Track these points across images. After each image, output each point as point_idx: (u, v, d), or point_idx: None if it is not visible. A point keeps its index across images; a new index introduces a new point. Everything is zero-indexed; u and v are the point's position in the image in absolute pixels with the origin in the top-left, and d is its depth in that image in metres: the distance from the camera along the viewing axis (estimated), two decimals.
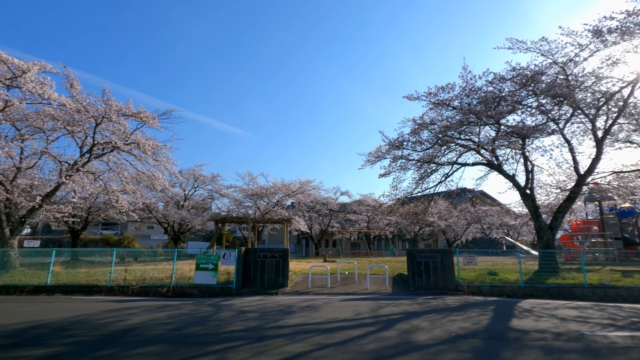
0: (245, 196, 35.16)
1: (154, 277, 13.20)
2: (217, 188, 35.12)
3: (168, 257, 21.74)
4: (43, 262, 14.98)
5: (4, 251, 14.23)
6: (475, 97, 13.25)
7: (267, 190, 32.44)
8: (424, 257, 13.08)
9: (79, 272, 13.63)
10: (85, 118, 13.82)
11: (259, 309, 8.79)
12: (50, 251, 13.22)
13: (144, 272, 14.29)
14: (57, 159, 14.66)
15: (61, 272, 13.51)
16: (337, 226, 44.44)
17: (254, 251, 13.40)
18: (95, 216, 29.71)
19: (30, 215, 15.03)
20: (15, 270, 14.29)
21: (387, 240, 56.12)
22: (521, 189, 14.51)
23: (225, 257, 12.80)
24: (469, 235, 50.54)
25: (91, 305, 9.38)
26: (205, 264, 12.56)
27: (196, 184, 34.95)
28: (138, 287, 12.08)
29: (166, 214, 30.40)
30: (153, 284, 12.35)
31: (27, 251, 16.96)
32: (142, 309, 8.72)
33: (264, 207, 34.37)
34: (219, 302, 10.26)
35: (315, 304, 9.52)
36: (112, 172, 16.10)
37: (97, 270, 14.78)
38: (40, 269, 14.33)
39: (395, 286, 13.56)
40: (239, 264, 12.75)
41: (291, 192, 32.96)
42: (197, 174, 33.96)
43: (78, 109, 13.30)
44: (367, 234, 45.48)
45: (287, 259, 13.31)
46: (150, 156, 15.85)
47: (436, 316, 7.83)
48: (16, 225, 14.76)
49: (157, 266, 17.71)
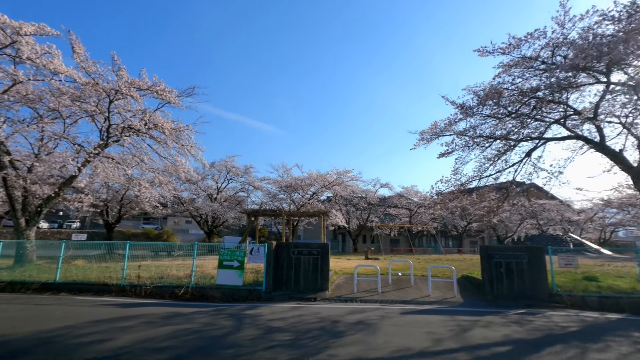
0: (280, 188, 33.28)
1: (172, 275, 11.33)
2: (250, 180, 33.51)
3: (200, 251, 20.15)
4: (74, 254, 13.70)
5: (20, 243, 13.06)
6: (574, 47, 9.92)
7: (302, 181, 30.26)
8: (504, 257, 10.10)
9: (93, 268, 12.11)
10: (96, 94, 12.21)
11: (292, 326, 6.43)
12: (59, 243, 11.77)
13: (164, 269, 12.51)
14: (72, 140, 13.21)
15: (72, 268, 12.02)
16: (376, 221, 41.54)
17: (286, 246, 11.11)
18: (129, 209, 29.14)
19: (47, 205, 13.79)
20: (31, 264, 13.08)
21: (430, 237, 52.29)
22: (633, 169, 10.98)
23: (253, 253, 10.61)
24: (522, 232, 45.58)
25: (87, 312, 7.52)
26: (229, 260, 10.45)
27: (229, 176, 33.57)
28: (152, 287, 10.21)
29: (198, 206, 29.15)
30: (170, 284, 10.44)
31: (46, 244, 15.92)
32: (142, 320, 6.67)
33: (299, 200, 32.31)
34: (242, 310, 8.04)
35: (369, 319, 7.00)
36: (134, 157, 14.51)
37: (115, 266, 13.22)
38: (64, 262, 12.99)
39: (464, 293, 10.70)
40: (269, 262, 10.52)
41: (327, 184, 30.55)
42: (229, 166, 32.52)
43: (89, 82, 11.67)
44: (409, 229, 42.11)
45: (328, 257, 10.89)
46: (170, 138, 14.05)
47: (564, 350, 5.02)
48: (32, 216, 13.55)
49: (184, 262, 16.06)
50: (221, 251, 10.62)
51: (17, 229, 13.26)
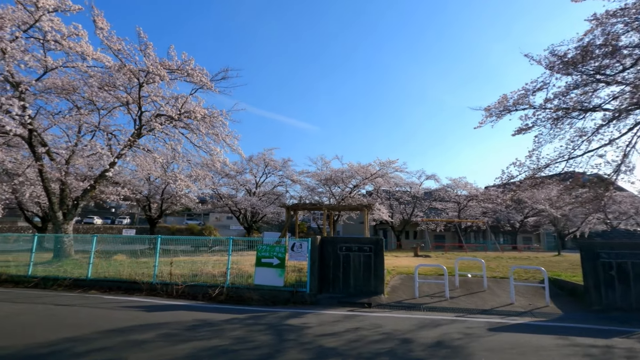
0: (319, 181, 31.90)
1: (207, 272, 10.21)
2: (288, 174, 32.42)
3: (239, 247, 19.24)
4: (107, 249, 13.17)
5: (58, 237, 12.66)
6: None
7: (342, 173, 28.62)
8: (616, 256, 7.80)
9: (126, 264, 11.36)
10: (125, 77, 11.39)
11: (350, 346, 4.84)
12: (92, 237, 11.10)
13: (199, 266, 11.50)
14: (106, 130, 12.56)
15: (109, 263, 11.31)
16: (421, 215, 38.93)
17: (333, 242, 9.54)
18: (170, 204, 29.20)
19: (83, 198, 13.34)
20: (69, 258, 12.64)
21: (479, 232, 48.60)
22: None
23: (295, 249, 9.16)
24: (587, 228, 40.72)
25: (106, 317, 6.45)
26: (268, 257, 9.09)
27: (267, 169, 32.72)
28: (184, 286, 9.12)
29: (237, 201, 28.54)
30: (203, 283, 9.30)
31: (84, 238, 15.63)
32: (163, 332, 5.42)
33: (339, 193, 30.73)
34: (284, 318, 6.60)
35: (450, 338, 5.25)
36: (165, 144, 13.67)
37: (152, 262, 12.43)
38: (102, 257, 12.40)
39: (555, 301, 8.52)
40: (313, 259, 9.02)
41: (370, 176, 28.63)
42: (267, 159, 31.64)
43: (116, 66, 10.85)
44: (458, 224, 39.06)
45: (382, 254, 9.18)
46: (203, 126, 13.02)
47: None
48: (70, 209, 13.14)
49: (222, 257, 15.14)
50: (259, 247, 9.29)
51: (54, 223, 12.92)
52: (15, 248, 12.89)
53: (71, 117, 13.35)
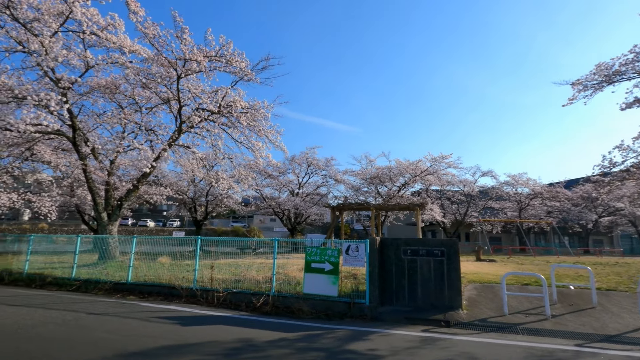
0: (364, 180, 30.30)
1: (251, 278, 9.13)
2: (332, 173, 31.16)
3: (284, 249, 18.29)
4: (152, 251, 12.71)
5: (103, 239, 12.37)
6: None
7: (390, 171, 26.77)
8: None
9: (166, 267, 10.68)
10: (164, 69, 10.78)
11: None
12: (132, 239, 10.53)
13: (242, 269, 10.54)
14: (147, 128, 12.07)
15: (150, 266, 10.67)
16: (475, 215, 35.83)
17: (395, 245, 8.02)
18: (215, 206, 29.20)
19: (127, 198, 13.00)
20: (113, 260, 12.29)
21: (541, 234, 44.01)
22: None
23: (351, 252, 7.77)
24: None
25: (133, 331, 5.50)
26: (319, 262, 7.79)
27: (310, 169, 31.72)
28: (226, 294, 8.09)
29: (280, 202, 27.79)
30: (246, 290, 8.23)
31: (127, 239, 15.42)
32: (195, 358, 4.27)
33: (386, 193, 28.88)
34: (344, 341, 5.23)
35: None
36: (203, 138, 12.98)
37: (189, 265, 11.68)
38: (147, 258, 11.90)
39: None
40: (372, 265, 7.57)
41: (420, 173, 26.49)
42: (310, 159, 30.65)
43: (152, 58, 10.23)
44: (520, 224, 35.40)
45: (457, 259, 7.50)
46: (244, 119, 12.10)
47: None
48: (114, 210, 12.84)
49: (266, 260, 14.22)
50: (308, 249, 8.02)
51: (99, 224, 12.68)
52: (66, 249, 12.82)
53: (115, 117, 13.11)
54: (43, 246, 12.38)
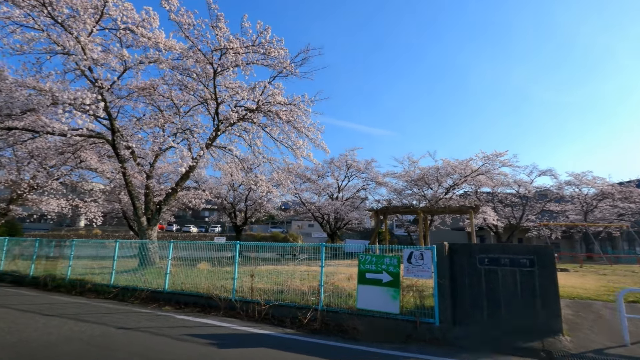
0: (408, 182, 28.59)
1: (295, 288, 8.10)
2: (372, 176, 29.72)
3: (325, 255, 17.20)
4: (192, 256, 12.17)
5: (143, 244, 12.02)
6: None
7: (437, 171, 24.88)
8: None
9: (203, 274, 9.97)
10: (199, 65, 10.22)
11: None
12: (168, 244, 9.94)
13: (285, 278, 9.58)
14: (185, 130, 11.58)
15: (187, 273, 10.00)
16: (532, 219, 32.60)
17: (468, 252, 6.61)
18: (254, 211, 28.86)
19: (166, 202, 12.63)
20: (153, 266, 11.87)
21: (608, 240, 39.28)
22: None
23: (414, 260, 6.47)
24: None
25: (163, 353, 4.62)
26: (376, 272, 6.58)
27: (349, 172, 30.51)
28: (268, 307, 7.11)
29: (320, 206, 26.84)
30: (291, 303, 7.20)
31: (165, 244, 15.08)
32: None
33: (432, 195, 26.93)
34: None
35: None
36: (244, 141, 12.30)
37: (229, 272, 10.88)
38: (186, 264, 11.35)
39: None
40: (442, 276, 6.24)
41: (470, 173, 24.36)
42: (349, 161, 29.45)
43: (188, 53, 9.68)
44: (586, 229, 31.72)
45: (553, 271, 5.96)
46: (283, 114, 11.24)
47: None
48: (153, 214, 12.48)
49: (309, 267, 13.28)
50: (362, 257, 6.85)
51: (139, 229, 12.36)
52: (107, 254, 12.62)
53: (154, 120, 12.83)
54: (87, 251, 12.26)
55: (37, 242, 12.27)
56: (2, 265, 12.83)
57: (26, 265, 12.14)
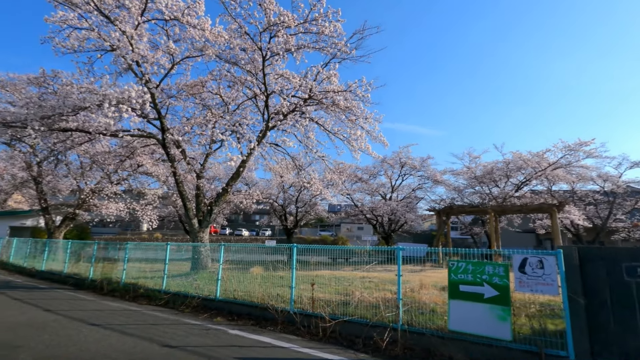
0: (469, 180, 26.00)
1: (362, 299, 6.78)
2: (430, 173, 27.46)
3: (379, 258, 15.62)
4: (245, 259, 11.37)
5: (195, 247, 11.47)
6: None
7: (506, 165, 22.15)
8: None
9: (259, 278, 9.02)
10: (249, 49, 9.41)
11: None
12: (219, 246, 9.14)
13: (345, 284, 8.33)
14: (234, 127, 10.85)
15: (233, 280, 9.08)
16: (622, 219, 28.08)
17: (609, 259, 4.82)
18: (304, 213, 28.07)
19: (217, 203, 12.00)
20: (205, 271, 11.24)
21: None
22: None
23: (529, 268, 4.84)
24: None
25: None
26: (474, 283, 5.06)
27: (403, 170, 28.54)
28: (334, 323, 5.87)
29: (374, 207, 25.26)
30: (362, 320, 5.90)
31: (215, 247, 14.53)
32: None
33: (499, 193, 24.08)
34: None
35: None
36: (297, 136, 11.30)
37: (283, 277, 9.82)
38: (238, 268, 10.55)
39: None
40: (574, 291, 4.56)
41: (547, 166, 21.32)
42: (403, 159, 27.53)
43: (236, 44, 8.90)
44: None
45: None
46: (341, 101, 10.05)
47: None
48: (205, 216, 11.92)
49: (368, 273, 11.94)
50: (452, 264, 5.35)
51: (191, 231, 11.87)
52: (160, 257, 12.31)
53: (203, 118, 12.34)
54: (141, 254, 12.02)
55: (95, 245, 12.28)
56: (66, 268, 13.06)
57: (86, 268, 12.19)
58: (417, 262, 8.25)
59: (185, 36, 10.02)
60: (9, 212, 25.02)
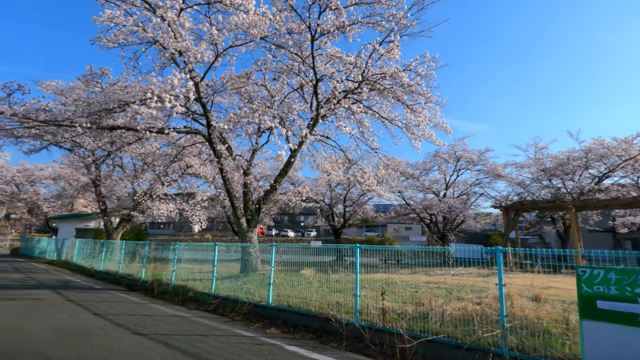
0: (538, 173, 23.19)
1: (452, 315, 5.47)
2: (490, 167, 25.00)
3: (431, 260, 13.84)
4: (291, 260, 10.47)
5: (244, 247, 10.83)
6: None
7: (585, 155, 19.31)
8: None
9: (314, 283, 8.06)
10: (295, 30, 8.53)
11: None
12: (271, 247, 8.29)
13: (414, 293, 7.08)
14: (277, 112, 10.04)
15: (286, 283, 8.19)
16: None
17: None
18: (352, 212, 26.89)
19: (265, 201, 11.28)
20: (255, 273, 10.54)
21: None
22: None
23: None
24: None
25: None
26: (621, 299, 3.62)
27: (459, 165, 26.32)
28: (416, 343, 4.68)
29: (428, 204, 23.42)
30: (450, 339, 4.65)
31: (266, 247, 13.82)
32: None
33: (573, 186, 21.09)
34: None
35: None
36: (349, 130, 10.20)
37: (345, 281, 8.71)
38: (287, 270, 9.70)
39: None
40: None
41: (637, 154, 18.18)
42: (459, 152, 25.37)
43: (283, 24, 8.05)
44: None
45: None
46: (405, 80, 8.82)
47: None
48: (253, 214, 11.26)
49: (430, 277, 10.59)
50: (584, 271, 3.93)
51: (239, 231, 11.27)
52: (209, 258, 11.86)
53: (249, 109, 11.72)
54: (190, 255, 11.64)
55: (147, 246, 12.13)
56: (121, 269, 13.12)
57: (138, 268, 12.09)
58: (478, 265, 6.93)
59: (228, 25, 9.40)
60: (74, 215, 26.68)
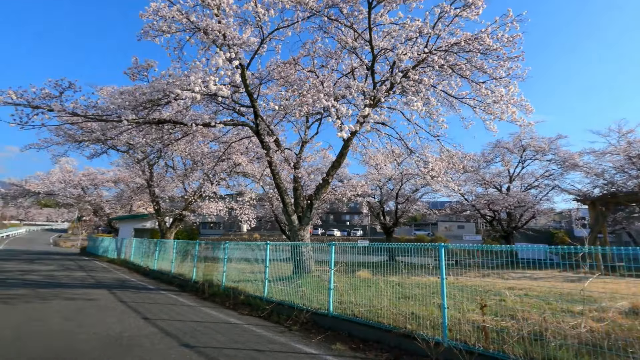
0: (624, 161, 19.94)
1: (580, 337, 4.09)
2: (563, 156, 22.06)
3: (500, 261, 11.85)
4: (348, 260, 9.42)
5: (296, 247, 9.97)
6: None
7: None
8: None
9: (381, 288, 6.93)
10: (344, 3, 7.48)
11: None
12: (330, 246, 7.28)
13: (499, 301, 5.67)
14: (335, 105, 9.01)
15: (346, 287, 7.16)
16: None
17: None
18: (405, 209, 25.21)
19: (318, 196, 10.35)
20: (309, 275, 9.64)
21: None
22: None
23: None
24: None
25: None
26: None
27: (524, 155, 23.60)
28: None
29: (492, 199, 21.14)
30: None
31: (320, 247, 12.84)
32: None
33: None
34: None
35: None
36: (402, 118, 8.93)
37: (412, 284, 7.45)
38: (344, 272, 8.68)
39: None
40: None
41: None
42: (525, 140, 22.70)
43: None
44: None
45: None
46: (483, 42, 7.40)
47: None
48: (304, 211, 10.39)
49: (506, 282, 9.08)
50: None
51: (290, 229, 10.46)
52: (259, 257, 11.19)
53: (294, 105, 10.87)
54: (240, 254, 11.05)
55: (197, 245, 11.78)
56: (173, 268, 12.96)
57: (190, 268, 11.78)
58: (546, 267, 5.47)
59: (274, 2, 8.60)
60: (132, 215, 27.96)
